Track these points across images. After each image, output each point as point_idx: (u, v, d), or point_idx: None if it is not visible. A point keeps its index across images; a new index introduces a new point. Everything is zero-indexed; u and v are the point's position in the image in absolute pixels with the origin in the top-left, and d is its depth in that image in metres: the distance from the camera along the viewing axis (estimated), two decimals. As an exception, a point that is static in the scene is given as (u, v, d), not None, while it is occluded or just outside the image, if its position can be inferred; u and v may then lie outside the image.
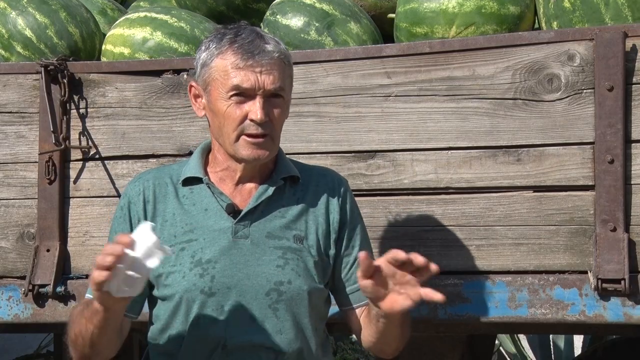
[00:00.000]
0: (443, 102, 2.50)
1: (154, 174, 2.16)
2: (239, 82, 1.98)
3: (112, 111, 2.74)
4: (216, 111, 2.03)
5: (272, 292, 2.03)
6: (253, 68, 1.97)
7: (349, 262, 2.14)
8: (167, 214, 2.09)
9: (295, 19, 2.90)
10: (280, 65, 2.01)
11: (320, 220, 2.11)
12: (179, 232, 2.07)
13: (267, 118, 1.99)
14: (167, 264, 2.03)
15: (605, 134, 2.36)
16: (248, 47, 1.99)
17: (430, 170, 2.51)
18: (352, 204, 2.18)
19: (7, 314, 2.76)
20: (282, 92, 2.02)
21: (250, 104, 1.99)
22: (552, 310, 2.41)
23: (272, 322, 2.03)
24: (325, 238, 2.11)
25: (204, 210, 2.07)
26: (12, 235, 2.79)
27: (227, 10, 3.19)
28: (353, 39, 2.88)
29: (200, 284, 2.02)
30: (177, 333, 2.05)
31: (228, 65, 1.99)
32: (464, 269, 2.49)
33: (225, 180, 2.10)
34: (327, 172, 2.23)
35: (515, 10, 2.73)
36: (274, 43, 2.02)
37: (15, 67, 2.85)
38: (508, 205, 2.46)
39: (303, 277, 2.05)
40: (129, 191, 2.14)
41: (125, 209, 2.12)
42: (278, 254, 2.05)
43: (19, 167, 2.80)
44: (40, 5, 3.03)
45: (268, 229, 2.06)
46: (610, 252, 2.34)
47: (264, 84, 1.98)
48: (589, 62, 2.39)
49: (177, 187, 2.12)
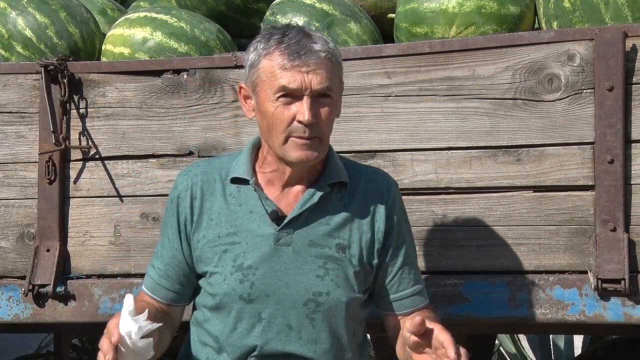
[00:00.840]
0: (443, 102, 2.50)
1: (203, 169, 2.14)
2: (286, 83, 1.95)
3: (112, 111, 2.74)
4: (264, 113, 2.00)
5: (310, 302, 2.02)
6: (300, 68, 1.94)
7: (393, 271, 2.11)
8: (213, 212, 2.09)
9: (295, 19, 2.90)
10: (327, 65, 1.97)
11: (364, 228, 2.08)
12: (223, 232, 2.06)
13: (314, 119, 1.96)
14: (210, 263, 2.06)
15: (605, 134, 2.36)
16: (295, 47, 1.95)
17: (430, 170, 2.51)
18: (399, 211, 2.14)
19: (7, 314, 2.76)
20: (330, 91, 1.98)
21: (298, 105, 1.96)
22: (552, 310, 2.41)
23: (308, 332, 2.03)
24: (369, 247, 2.08)
25: (249, 212, 2.06)
26: (12, 235, 2.79)
27: (227, 10, 3.19)
28: (353, 39, 2.88)
29: (240, 289, 2.02)
30: (216, 330, 2.07)
31: (275, 66, 1.96)
32: (464, 269, 2.49)
33: (274, 181, 2.08)
34: (377, 176, 2.16)
35: (515, 10, 2.73)
36: (322, 42, 1.98)
37: (15, 67, 2.84)
38: (508, 205, 2.46)
39: (342, 288, 2.04)
40: (179, 185, 2.13)
41: (174, 202, 2.13)
42: (319, 264, 2.03)
43: (19, 167, 2.79)
44: (40, 5, 3.03)
45: (311, 236, 2.05)
46: (610, 252, 2.34)
47: (310, 84, 1.95)
48: (589, 62, 2.39)
49: (225, 184, 2.10)
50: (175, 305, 2.15)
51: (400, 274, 2.11)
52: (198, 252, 2.08)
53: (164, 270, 2.13)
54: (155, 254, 2.17)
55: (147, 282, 2.17)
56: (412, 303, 2.12)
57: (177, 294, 2.14)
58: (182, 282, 2.13)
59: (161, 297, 2.14)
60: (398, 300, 2.12)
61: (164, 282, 2.13)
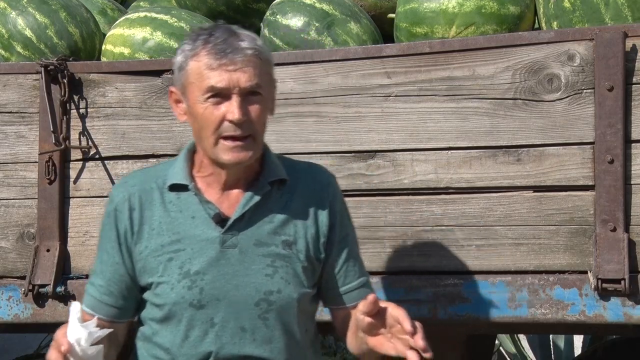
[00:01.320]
0: (443, 102, 2.50)
1: (140, 178, 2.10)
2: (214, 83, 1.92)
3: (112, 111, 2.74)
4: (195, 115, 1.97)
5: (262, 302, 2.00)
6: (226, 67, 1.92)
7: (339, 264, 2.10)
8: (153, 221, 2.04)
9: (295, 19, 2.90)
10: (255, 62, 1.94)
11: (309, 223, 2.07)
12: (165, 241, 2.02)
13: (245, 117, 1.93)
14: (155, 274, 2.01)
15: (605, 134, 2.36)
16: (221, 46, 1.93)
17: (430, 170, 2.51)
18: (340, 204, 2.14)
19: (7, 314, 2.76)
20: (260, 89, 1.95)
21: (227, 105, 1.93)
22: (552, 310, 2.41)
23: (262, 332, 2.01)
24: (314, 242, 2.07)
25: (191, 218, 2.03)
26: (12, 235, 2.79)
27: (227, 10, 3.19)
28: (353, 39, 2.88)
29: (189, 296, 1.98)
30: (166, 341, 2.03)
31: (202, 66, 1.93)
32: (464, 269, 2.49)
33: (212, 185, 2.05)
34: (316, 171, 2.16)
35: (515, 10, 2.73)
36: (249, 40, 1.96)
37: (15, 67, 2.85)
38: (508, 205, 2.46)
39: (292, 285, 2.02)
40: (115, 197, 2.08)
41: (112, 215, 2.07)
42: (267, 262, 2.01)
43: (19, 167, 2.80)
44: (40, 5, 3.03)
45: (256, 236, 2.02)
46: (610, 252, 2.34)
47: (238, 82, 1.92)
48: (589, 62, 2.39)
49: (164, 192, 2.06)
50: (119, 322, 2.08)
51: (347, 267, 2.10)
52: (141, 264, 2.03)
53: (106, 287, 2.06)
54: (94, 272, 2.11)
55: (87, 300, 2.09)
56: (359, 295, 2.10)
57: (120, 310, 2.07)
58: (125, 297, 2.07)
59: (104, 314, 2.06)
60: (346, 293, 2.11)
61: (106, 299, 2.07)
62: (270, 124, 2.60)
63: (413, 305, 2.49)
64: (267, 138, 2.59)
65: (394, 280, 2.52)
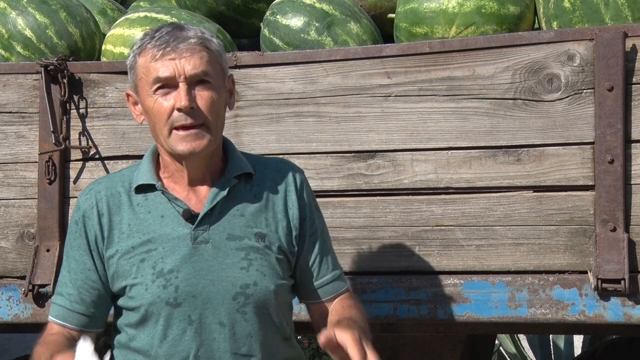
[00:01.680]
0: (443, 102, 2.50)
1: (105, 184, 2.09)
2: (160, 74, 1.93)
3: (112, 111, 2.74)
4: (147, 110, 1.98)
5: (239, 295, 1.99)
6: (170, 55, 1.93)
7: (311, 257, 2.11)
8: (123, 225, 2.03)
9: (295, 19, 2.90)
10: (201, 50, 1.95)
11: (279, 216, 2.07)
12: (136, 243, 2.01)
13: (193, 104, 1.93)
14: (129, 276, 2.00)
15: (605, 134, 2.36)
16: (165, 38, 1.95)
17: (430, 170, 2.51)
18: (310, 198, 2.14)
19: (7, 314, 2.76)
20: (207, 77, 1.96)
21: (175, 94, 1.94)
22: (552, 310, 2.41)
23: (241, 327, 2.00)
24: (287, 235, 2.07)
25: (160, 217, 2.02)
26: (12, 235, 2.79)
27: (227, 10, 3.19)
28: (353, 39, 2.88)
29: (165, 295, 1.97)
30: (145, 344, 2.01)
31: (147, 60, 1.95)
32: (464, 269, 2.49)
33: (178, 183, 2.05)
34: (283, 165, 2.15)
35: (515, 10, 2.73)
36: (194, 31, 1.98)
37: (15, 67, 2.84)
38: (508, 205, 2.46)
39: (269, 276, 2.02)
40: (82, 204, 2.07)
41: (80, 223, 2.05)
42: (241, 256, 2.01)
43: (19, 167, 2.80)
44: (40, 5, 3.03)
45: (228, 230, 2.02)
46: (610, 252, 2.34)
47: (184, 70, 1.93)
48: (589, 62, 2.39)
49: (131, 195, 2.05)
50: (89, 332, 2.05)
51: (319, 261, 2.10)
52: (113, 269, 2.02)
53: (77, 295, 2.04)
54: (62, 283, 2.08)
55: (55, 311, 2.07)
56: (333, 288, 2.12)
57: (91, 318, 2.05)
58: (97, 304, 2.05)
59: (74, 323, 2.05)
60: (320, 287, 2.12)
61: (77, 307, 2.04)
62: (270, 124, 2.62)
63: (413, 305, 2.49)
64: (267, 138, 2.60)
65: (394, 280, 2.52)
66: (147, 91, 1.97)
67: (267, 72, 2.61)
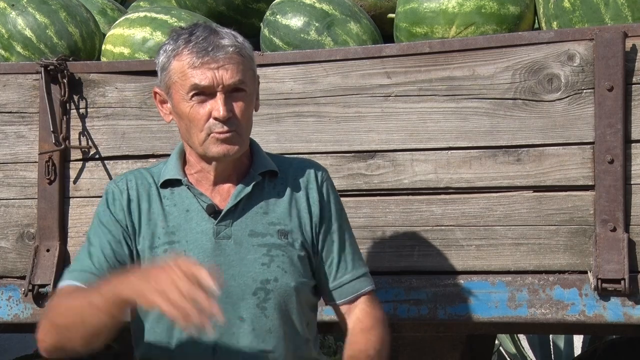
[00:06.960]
0: (443, 102, 2.50)
1: (136, 174, 2.13)
2: (197, 81, 1.96)
3: (112, 111, 2.74)
4: (180, 114, 2.01)
5: (259, 291, 2.01)
6: (209, 65, 1.95)
7: (331, 256, 2.11)
8: (151, 214, 2.07)
9: (295, 19, 2.90)
10: (237, 59, 1.98)
11: (302, 214, 2.09)
12: (161, 233, 2.04)
13: (230, 114, 1.97)
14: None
15: (605, 134, 2.36)
16: (202, 44, 1.96)
17: (430, 170, 2.51)
18: (333, 197, 2.15)
19: (7, 314, 2.76)
20: (243, 85, 1.99)
21: (212, 102, 1.97)
22: (552, 310, 2.41)
23: (261, 322, 2.01)
24: (309, 232, 2.09)
25: (185, 211, 2.06)
26: (12, 235, 2.79)
27: (227, 10, 3.19)
28: (353, 39, 2.88)
29: None
30: (164, 339, 2.03)
31: (185, 65, 1.97)
32: (464, 269, 2.49)
33: (202, 181, 2.08)
34: (307, 164, 2.18)
35: (515, 10, 2.73)
36: (229, 37, 2.00)
37: (15, 67, 2.85)
38: (508, 205, 2.46)
39: (290, 273, 2.04)
40: (112, 188, 2.10)
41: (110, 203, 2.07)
42: (262, 252, 2.03)
43: (19, 167, 2.80)
44: (40, 5, 3.03)
45: (250, 226, 2.04)
46: (610, 252, 2.34)
47: (222, 79, 1.96)
48: (589, 62, 2.39)
49: (158, 188, 2.09)
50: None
51: (337, 261, 2.11)
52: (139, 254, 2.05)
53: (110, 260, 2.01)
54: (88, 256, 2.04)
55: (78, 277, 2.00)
56: (351, 289, 2.12)
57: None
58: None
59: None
60: (336, 288, 2.12)
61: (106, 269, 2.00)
62: (270, 124, 2.62)
63: (413, 305, 2.49)
64: (267, 138, 2.60)
65: (394, 280, 2.52)
66: (183, 96, 1.99)
67: (267, 72, 2.60)
